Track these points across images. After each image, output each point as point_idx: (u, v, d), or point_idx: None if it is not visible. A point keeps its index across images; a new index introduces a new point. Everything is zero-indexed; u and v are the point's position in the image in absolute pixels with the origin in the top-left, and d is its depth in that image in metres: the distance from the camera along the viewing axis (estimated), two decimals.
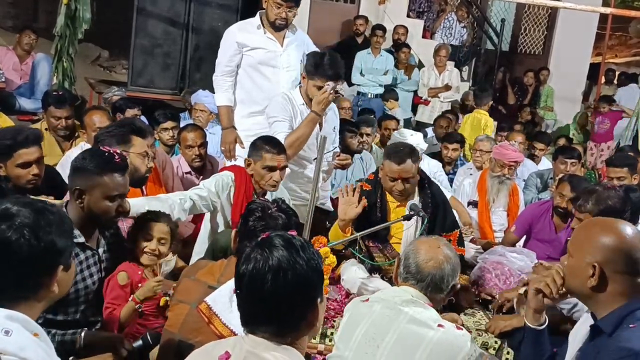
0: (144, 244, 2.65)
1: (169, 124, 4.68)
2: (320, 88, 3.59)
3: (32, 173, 3.01)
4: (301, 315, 1.54)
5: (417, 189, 3.38)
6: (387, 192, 3.36)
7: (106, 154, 2.50)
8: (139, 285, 2.56)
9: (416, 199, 3.36)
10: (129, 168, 2.69)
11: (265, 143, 3.29)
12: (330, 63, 3.57)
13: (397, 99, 7.52)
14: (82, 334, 2.29)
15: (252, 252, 1.55)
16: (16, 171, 2.99)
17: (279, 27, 3.93)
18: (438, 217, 3.36)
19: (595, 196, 3.19)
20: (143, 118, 5.05)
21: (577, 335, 1.99)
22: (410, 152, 3.28)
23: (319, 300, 1.57)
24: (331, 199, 4.40)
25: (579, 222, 3.16)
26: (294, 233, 1.63)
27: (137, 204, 2.78)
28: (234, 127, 4.06)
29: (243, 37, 3.95)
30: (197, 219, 3.64)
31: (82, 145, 3.83)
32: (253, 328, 1.53)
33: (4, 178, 3.02)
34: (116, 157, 2.50)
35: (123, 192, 2.53)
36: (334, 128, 3.95)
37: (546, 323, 2.11)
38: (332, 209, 4.05)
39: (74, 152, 3.71)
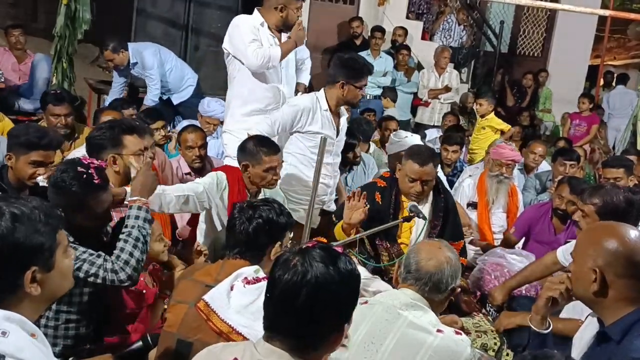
0: (159, 245, 2.65)
1: (158, 123, 4.69)
2: (364, 86, 3.80)
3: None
4: (324, 336, 1.48)
5: (431, 192, 3.37)
6: (402, 192, 3.34)
7: (84, 175, 2.31)
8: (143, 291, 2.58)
9: (428, 204, 3.35)
10: (124, 169, 2.74)
11: (261, 145, 3.28)
12: (363, 62, 3.75)
13: (394, 100, 7.51)
14: None
15: (292, 260, 1.48)
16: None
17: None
18: (448, 223, 3.36)
19: (602, 191, 3.10)
20: None
21: (582, 340, 1.97)
22: (433, 156, 3.31)
23: (346, 325, 1.51)
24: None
25: (581, 212, 3.11)
26: (339, 250, 1.56)
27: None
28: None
29: (255, 30, 3.97)
30: (193, 221, 3.63)
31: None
32: (273, 336, 1.48)
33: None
34: (95, 178, 2.33)
35: (110, 205, 2.45)
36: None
37: (551, 327, 2.10)
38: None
39: (76, 154, 3.69)
